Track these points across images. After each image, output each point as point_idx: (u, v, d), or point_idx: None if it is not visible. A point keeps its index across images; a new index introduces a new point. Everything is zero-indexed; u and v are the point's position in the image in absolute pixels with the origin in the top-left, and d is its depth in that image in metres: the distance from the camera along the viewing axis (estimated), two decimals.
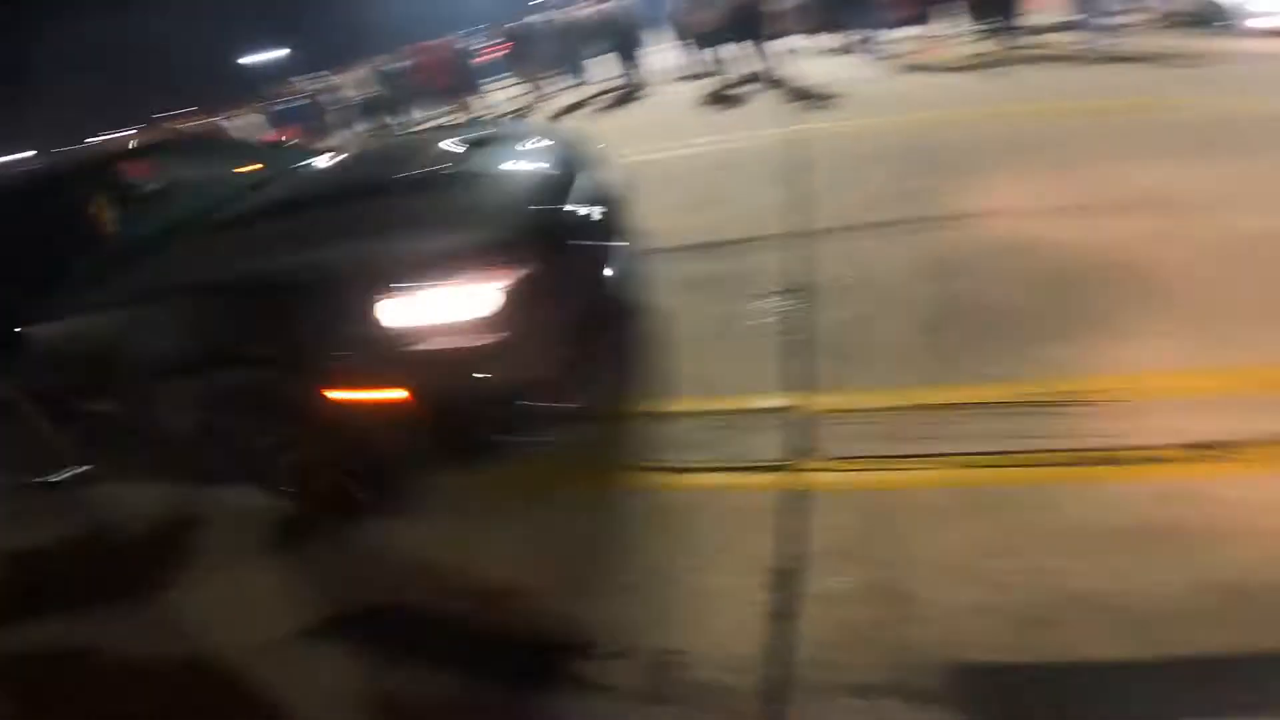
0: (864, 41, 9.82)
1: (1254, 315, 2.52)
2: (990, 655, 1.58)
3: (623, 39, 11.90)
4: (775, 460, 2.28)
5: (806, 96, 7.74)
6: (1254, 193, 3.51)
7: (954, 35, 9.35)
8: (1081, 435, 2.13)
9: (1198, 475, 1.92)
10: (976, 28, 9.30)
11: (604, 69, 12.58)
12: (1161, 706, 1.43)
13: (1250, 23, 9.40)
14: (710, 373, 2.82)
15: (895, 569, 1.83)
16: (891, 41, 9.44)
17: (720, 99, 8.70)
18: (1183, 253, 3.03)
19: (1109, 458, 2.03)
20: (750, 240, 3.99)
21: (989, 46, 8.71)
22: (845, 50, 10.23)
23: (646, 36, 12.20)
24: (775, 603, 1.82)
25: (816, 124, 6.43)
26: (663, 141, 6.76)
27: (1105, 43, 8.11)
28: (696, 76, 10.54)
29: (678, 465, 2.38)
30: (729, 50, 9.99)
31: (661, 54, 12.37)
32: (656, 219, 4.00)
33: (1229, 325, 2.49)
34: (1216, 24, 10.01)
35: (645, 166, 5.64)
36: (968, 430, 2.24)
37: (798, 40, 10.92)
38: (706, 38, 10.29)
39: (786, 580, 1.87)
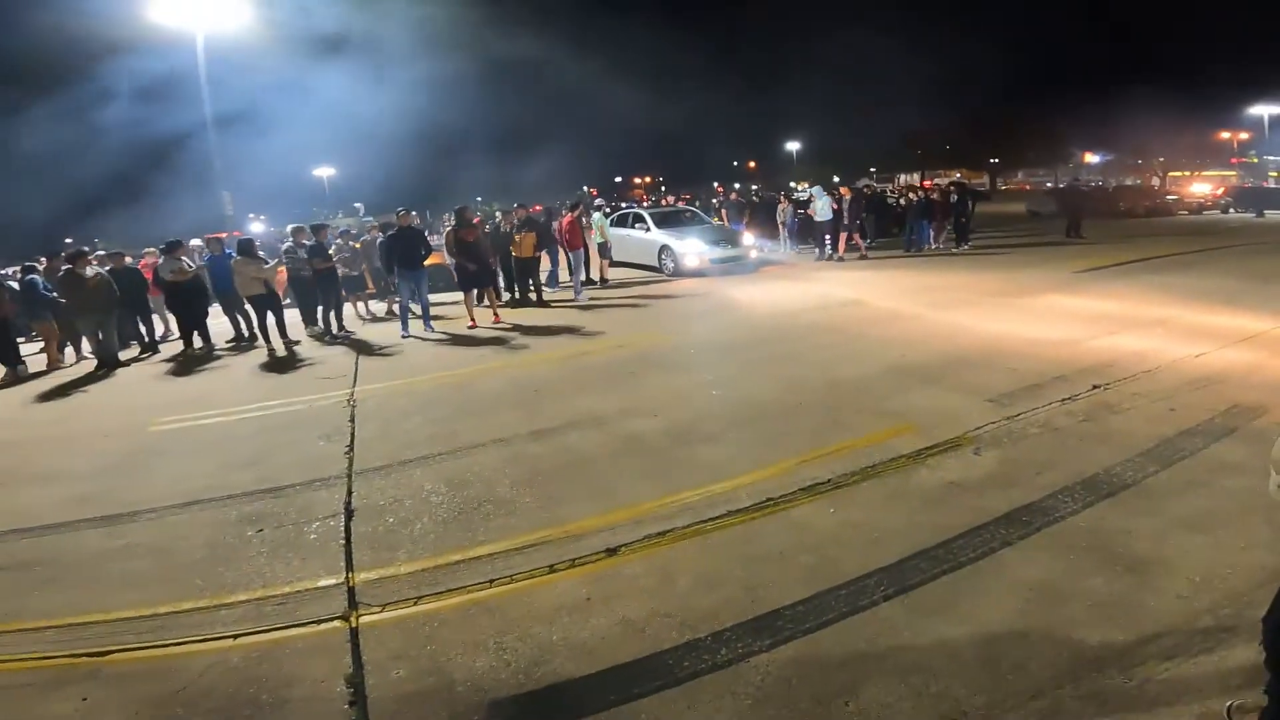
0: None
1: (640, 474, 4.44)
2: (495, 690, 2.62)
3: None
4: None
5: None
6: (644, 405, 5.71)
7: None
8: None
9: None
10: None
11: None
12: None
13: (685, 263, 13.99)
14: None
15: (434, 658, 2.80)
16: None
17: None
18: (607, 448, 4.96)
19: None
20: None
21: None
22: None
23: None
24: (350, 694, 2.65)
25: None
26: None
27: (584, 298, 11.77)
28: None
29: None
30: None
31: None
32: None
33: (638, 481, 4.33)
34: (666, 269, 14.49)
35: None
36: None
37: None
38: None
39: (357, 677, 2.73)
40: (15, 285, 10.77)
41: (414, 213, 11.33)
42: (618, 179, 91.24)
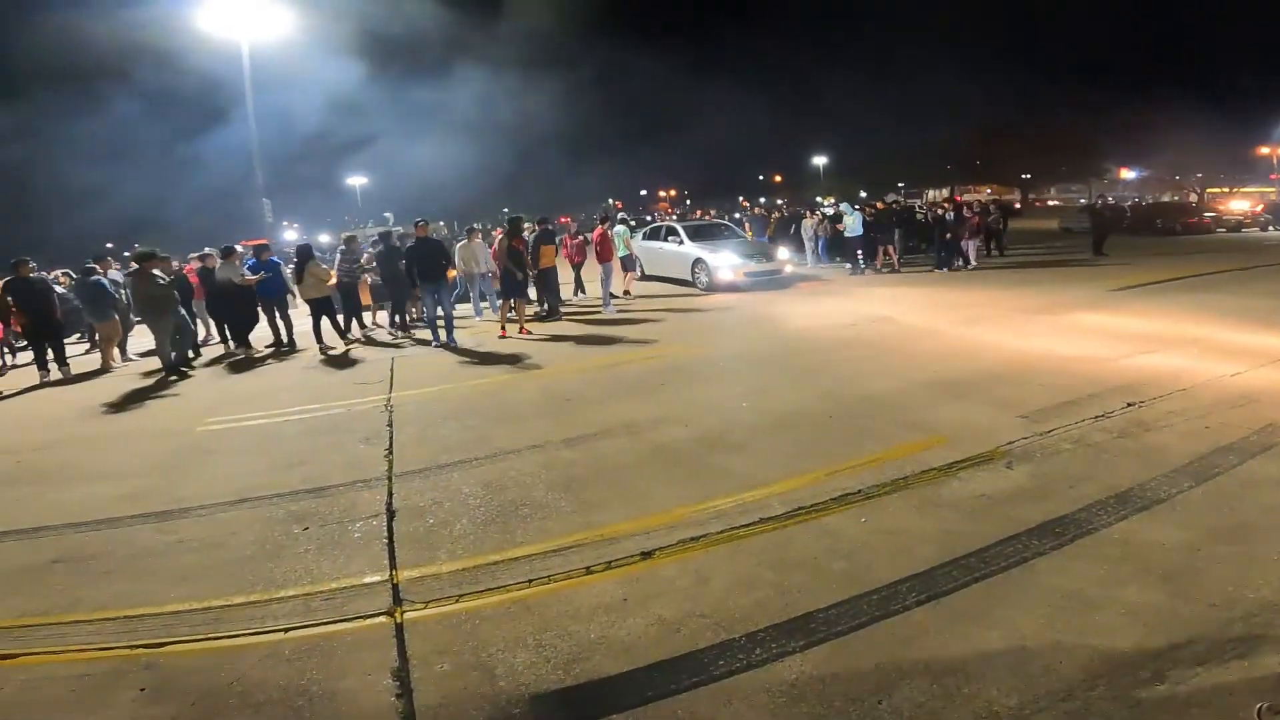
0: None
1: (673, 481, 4.52)
2: (536, 685, 2.71)
3: None
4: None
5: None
6: (676, 414, 5.84)
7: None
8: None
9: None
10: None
11: None
12: None
13: (719, 277, 13.95)
14: None
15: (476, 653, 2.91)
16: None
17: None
18: (639, 455, 5.07)
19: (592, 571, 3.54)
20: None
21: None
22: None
23: None
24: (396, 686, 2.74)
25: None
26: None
27: (613, 310, 11.94)
28: None
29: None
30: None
31: None
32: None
33: (671, 488, 4.41)
34: (700, 283, 14.49)
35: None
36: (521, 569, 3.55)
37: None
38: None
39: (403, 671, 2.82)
40: (60, 289, 11.22)
41: (441, 223, 11.66)
42: (643, 192, 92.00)
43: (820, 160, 68.77)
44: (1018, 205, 48.33)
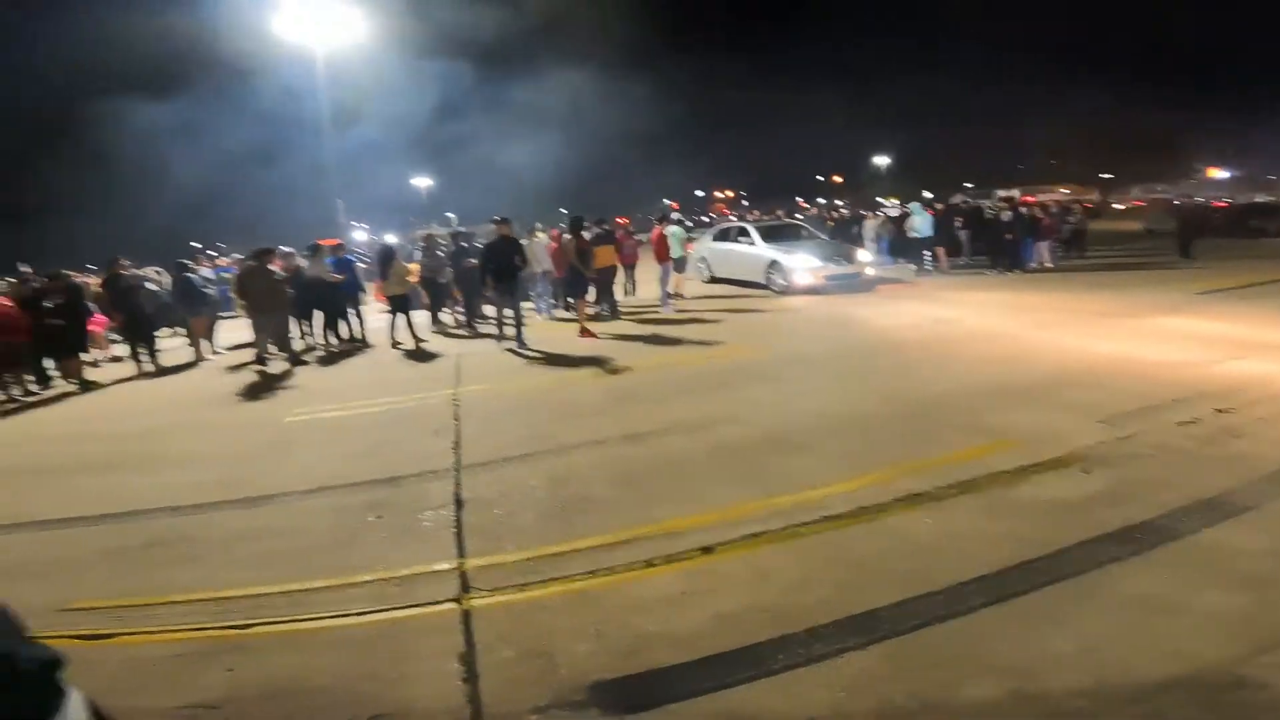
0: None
1: (733, 479, 4.54)
2: (596, 673, 2.75)
3: None
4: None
5: None
6: (737, 413, 5.82)
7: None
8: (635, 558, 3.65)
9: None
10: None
11: None
12: None
13: (796, 280, 13.57)
14: None
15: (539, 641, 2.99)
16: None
17: None
18: (700, 453, 5.10)
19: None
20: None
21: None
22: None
23: None
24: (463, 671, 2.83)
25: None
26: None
27: (671, 309, 12.16)
28: None
29: None
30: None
31: None
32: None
33: (732, 485, 4.44)
34: (775, 286, 14.17)
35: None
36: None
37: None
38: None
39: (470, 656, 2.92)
40: (152, 286, 11.95)
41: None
42: (699, 193, 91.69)
43: (883, 160, 67.24)
44: (1117, 206, 45.93)
